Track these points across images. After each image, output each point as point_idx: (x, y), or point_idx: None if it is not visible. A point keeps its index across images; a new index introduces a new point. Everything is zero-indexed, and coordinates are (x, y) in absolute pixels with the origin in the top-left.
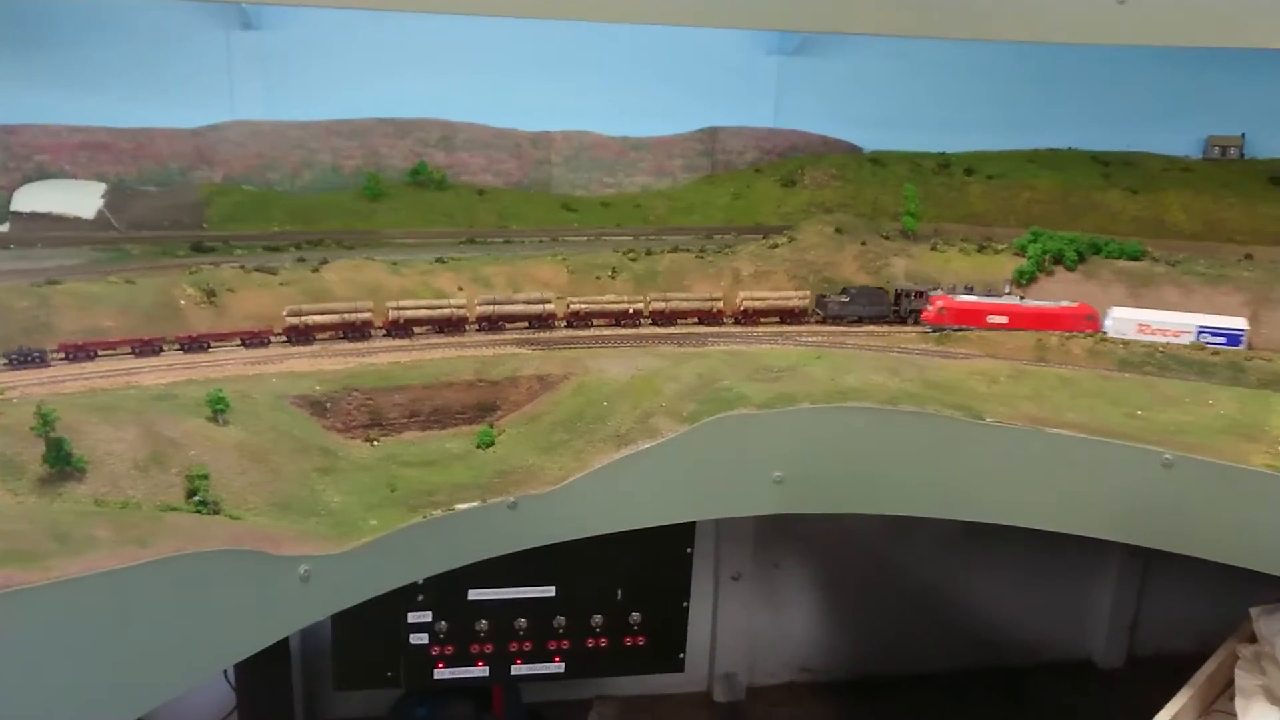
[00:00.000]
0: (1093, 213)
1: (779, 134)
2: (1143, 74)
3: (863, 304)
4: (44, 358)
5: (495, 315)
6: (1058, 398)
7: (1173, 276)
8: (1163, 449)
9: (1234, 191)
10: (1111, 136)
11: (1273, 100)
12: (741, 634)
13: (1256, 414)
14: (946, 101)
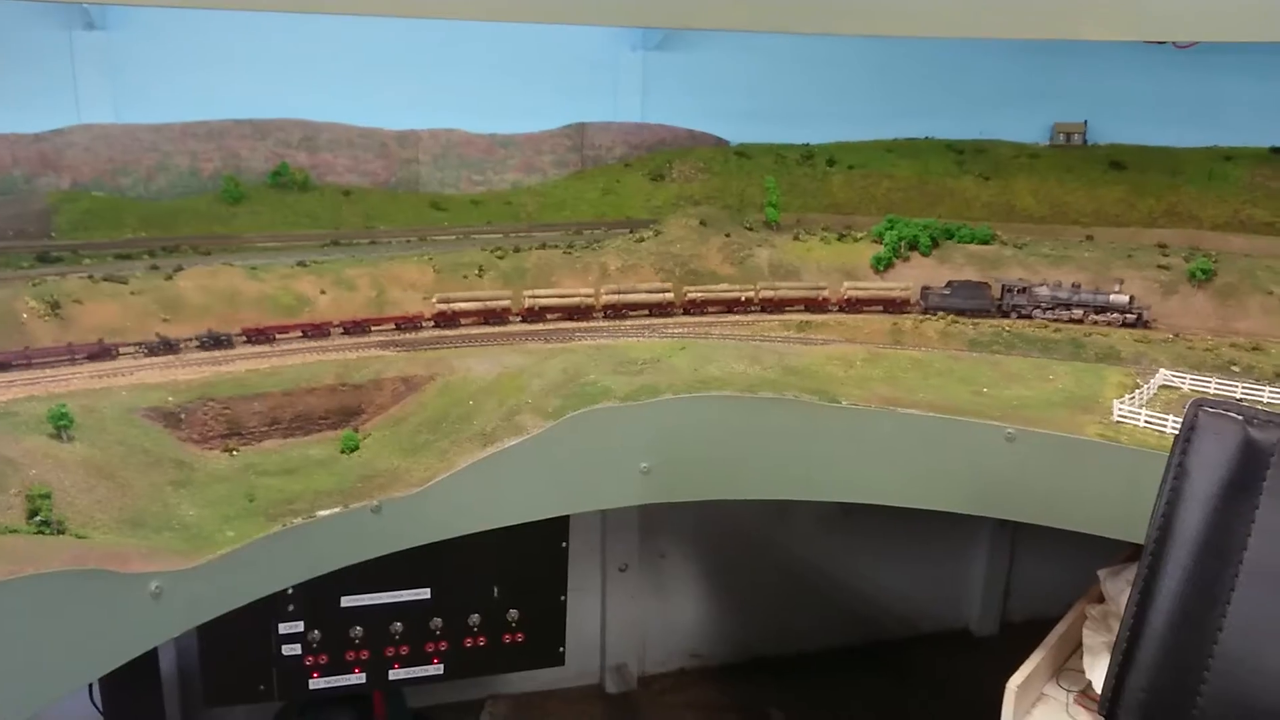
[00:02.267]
0: (948, 199)
1: (647, 129)
2: (993, 64)
3: (963, 297)
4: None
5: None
6: (910, 379)
7: (1019, 258)
8: (1006, 424)
9: (1077, 176)
10: (965, 125)
11: (1111, 88)
12: (631, 624)
13: (1091, 386)
14: (809, 94)
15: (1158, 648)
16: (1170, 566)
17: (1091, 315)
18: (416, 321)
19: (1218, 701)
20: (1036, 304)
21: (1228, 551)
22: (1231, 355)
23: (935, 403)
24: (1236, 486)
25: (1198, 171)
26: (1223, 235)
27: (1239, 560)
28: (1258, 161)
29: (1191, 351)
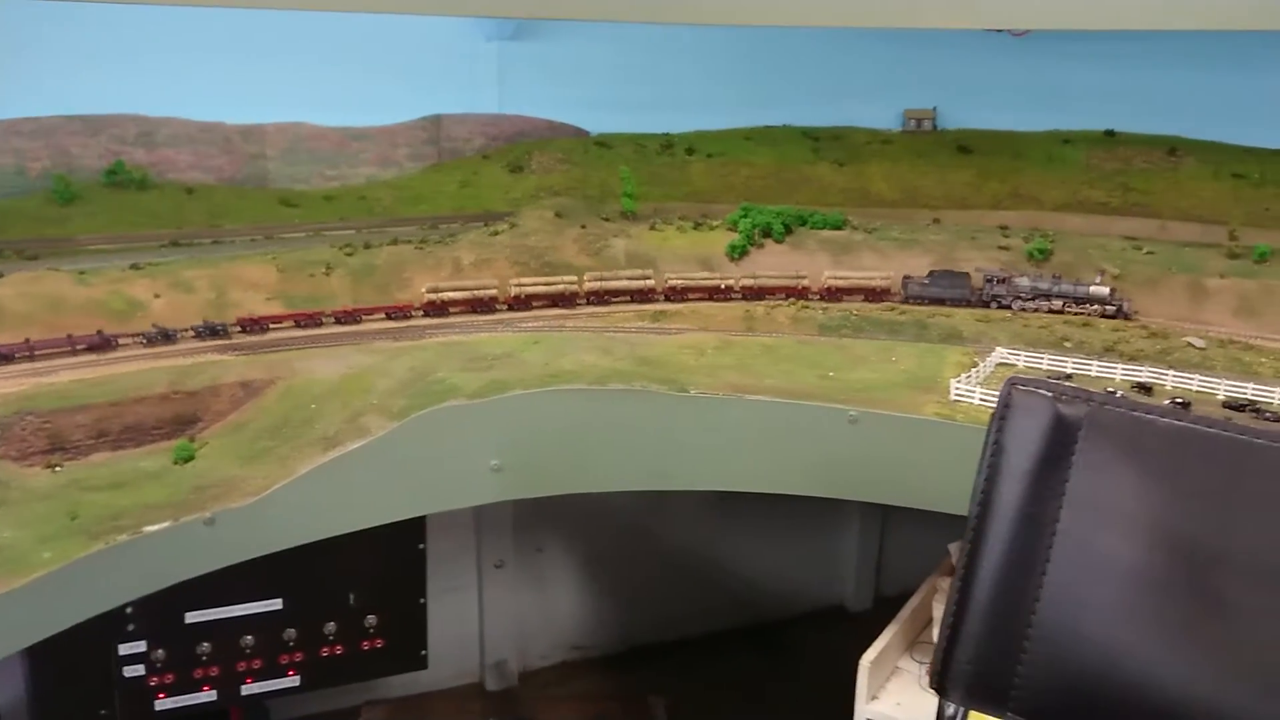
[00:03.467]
0: (805, 186)
1: (505, 119)
2: (848, 52)
3: (943, 286)
4: None
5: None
6: (759, 365)
7: (870, 243)
8: (849, 406)
9: (928, 160)
10: (822, 113)
11: (960, 75)
12: (510, 621)
13: (933, 367)
14: (669, 83)
15: (981, 620)
16: (991, 541)
17: (1071, 306)
18: (407, 310)
19: (1038, 668)
20: (1016, 294)
21: (1042, 523)
22: (1065, 332)
23: (783, 388)
24: (1049, 461)
25: (1039, 154)
26: (1062, 216)
27: (1052, 532)
28: (1093, 144)
29: (1028, 329)
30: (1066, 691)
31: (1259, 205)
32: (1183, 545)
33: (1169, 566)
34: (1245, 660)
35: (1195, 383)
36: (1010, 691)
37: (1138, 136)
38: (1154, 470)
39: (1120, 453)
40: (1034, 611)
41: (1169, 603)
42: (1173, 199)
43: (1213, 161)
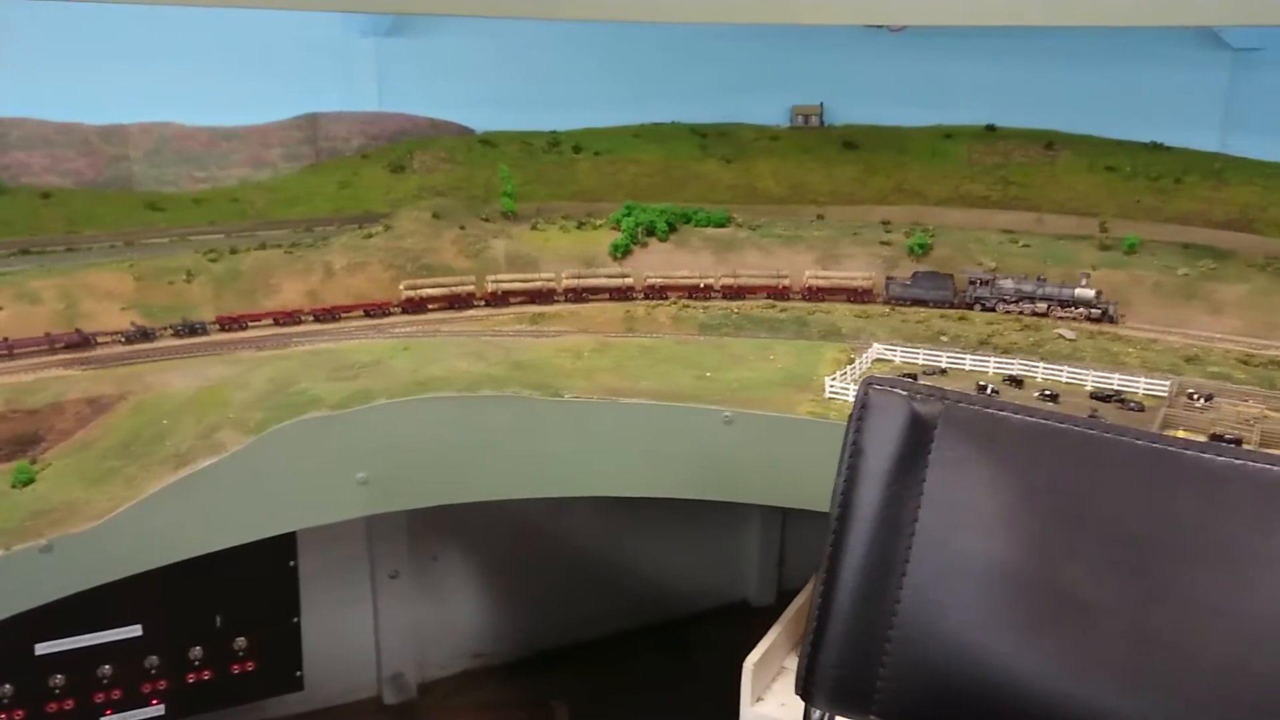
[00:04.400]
0: (693, 183)
1: (385, 118)
2: (736, 49)
3: (925, 288)
4: None
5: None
6: (636, 366)
7: (754, 240)
8: (725, 407)
9: (814, 156)
10: (710, 109)
11: (846, 71)
12: (406, 632)
13: (809, 364)
14: (557, 80)
15: (844, 625)
16: (851, 544)
17: (1056, 309)
18: (385, 308)
19: (900, 670)
20: (1000, 297)
21: (901, 524)
22: (941, 326)
23: (659, 389)
24: (906, 460)
25: (923, 149)
26: (944, 210)
27: (911, 532)
28: (975, 139)
29: (905, 324)
30: (928, 692)
31: (1130, 197)
32: (1036, 541)
33: (1024, 562)
34: (1099, 653)
35: (1065, 374)
36: (874, 695)
37: (1017, 131)
38: (1007, 466)
39: (975, 450)
40: (895, 614)
41: (1025, 599)
42: (1050, 192)
43: (1087, 155)
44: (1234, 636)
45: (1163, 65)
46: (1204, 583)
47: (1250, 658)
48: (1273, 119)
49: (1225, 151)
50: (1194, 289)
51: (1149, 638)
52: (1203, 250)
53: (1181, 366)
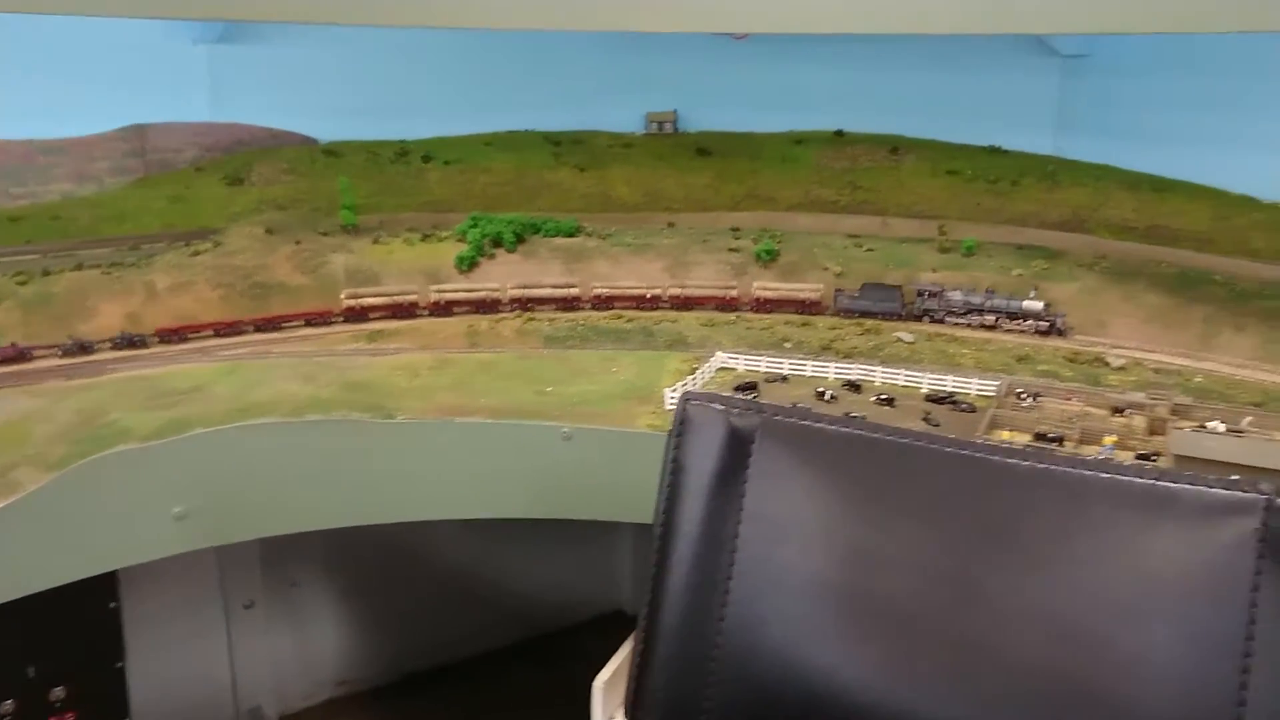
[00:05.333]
0: (547, 192)
1: (220, 128)
2: (590, 54)
3: (874, 300)
4: None
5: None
6: (476, 383)
7: (603, 249)
8: (564, 423)
9: (668, 163)
10: (564, 116)
11: (700, 77)
12: (264, 663)
13: (652, 376)
14: (405, 87)
15: (669, 644)
16: (675, 562)
17: (1005, 321)
18: (327, 317)
19: (725, 689)
20: (949, 309)
21: (723, 540)
22: (785, 332)
23: (498, 407)
24: (726, 475)
25: (774, 155)
26: (794, 215)
27: (733, 548)
28: (824, 144)
29: (750, 331)
30: (755, 708)
31: (971, 200)
32: (854, 552)
33: (843, 574)
34: (919, 662)
35: (902, 377)
36: (701, 714)
37: (865, 136)
38: (824, 478)
39: (792, 463)
40: (719, 632)
41: (846, 611)
42: (896, 196)
43: (931, 159)
44: (1041, 638)
45: (998, 71)
46: (1014, 586)
47: (1055, 658)
48: (1100, 122)
49: (1058, 154)
50: (1027, 288)
51: (965, 644)
52: (1036, 251)
53: (1013, 366)
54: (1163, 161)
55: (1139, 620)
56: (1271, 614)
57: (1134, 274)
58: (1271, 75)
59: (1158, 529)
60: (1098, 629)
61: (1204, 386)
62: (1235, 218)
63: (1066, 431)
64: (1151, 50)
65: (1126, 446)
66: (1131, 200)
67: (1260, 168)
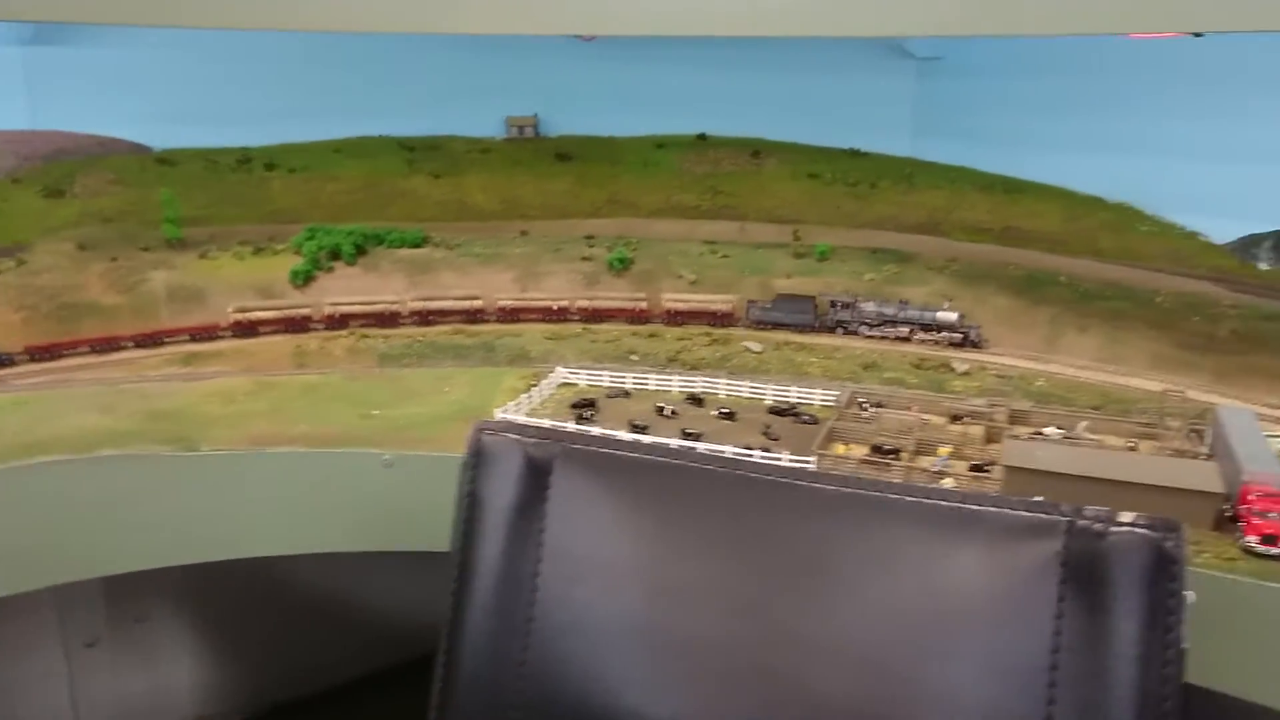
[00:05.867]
0: (400, 200)
1: (39, 136)
2: (446, 57)
3: (786, 311)
4: None
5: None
6: (296, 408)
7: (451, 260)
8: (386, 449)
9: (527, 169)
10: (419, 121)
11: (561, 80)
12: (112, 703)
13: (486, 394)
14: (247, 92)
15: (469, 694)
16: (473, 604)
17: (919, 332)
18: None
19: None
20: (862, 320)
21: (522, 580)
22: (632, 344)
23: (316, 434)
24: (524, 509)
25: (635, 160)
26: (654, 221)
27: (533, 588)
28: (686, 148)
29: (595, 344)
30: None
31: (831, 203)
32: (658, 588)
33: (647, 612)
34: (727, 700)
35: (746, 389)
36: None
37: (727, 139)
38: (626, 510)
39: (593, 494)
40: (521, 677)
41: (649, 650)
42: (757, 200)
43: (791, 162)
44: (852, 673)
45: (857, 73)
46: (824, 618)
47: (865, 693)
48: (956, 124)
49: (916, 156)
50: (878, 293)
51: (774, 680)
52: (889, 255)
53: (860, 374)
54: (1016, 163)
55: (945, 656)
56: (1073, 644)
57: (983, 276)
58: (1118, 77)
59: (963, 552)
60: (906, 664)
61: (1045, 390)
62: (1084, 218)
63: (903, 443)
64: (1003, 53)
65: (962, 456)
66: (986, 202)
67: (1107, 168)
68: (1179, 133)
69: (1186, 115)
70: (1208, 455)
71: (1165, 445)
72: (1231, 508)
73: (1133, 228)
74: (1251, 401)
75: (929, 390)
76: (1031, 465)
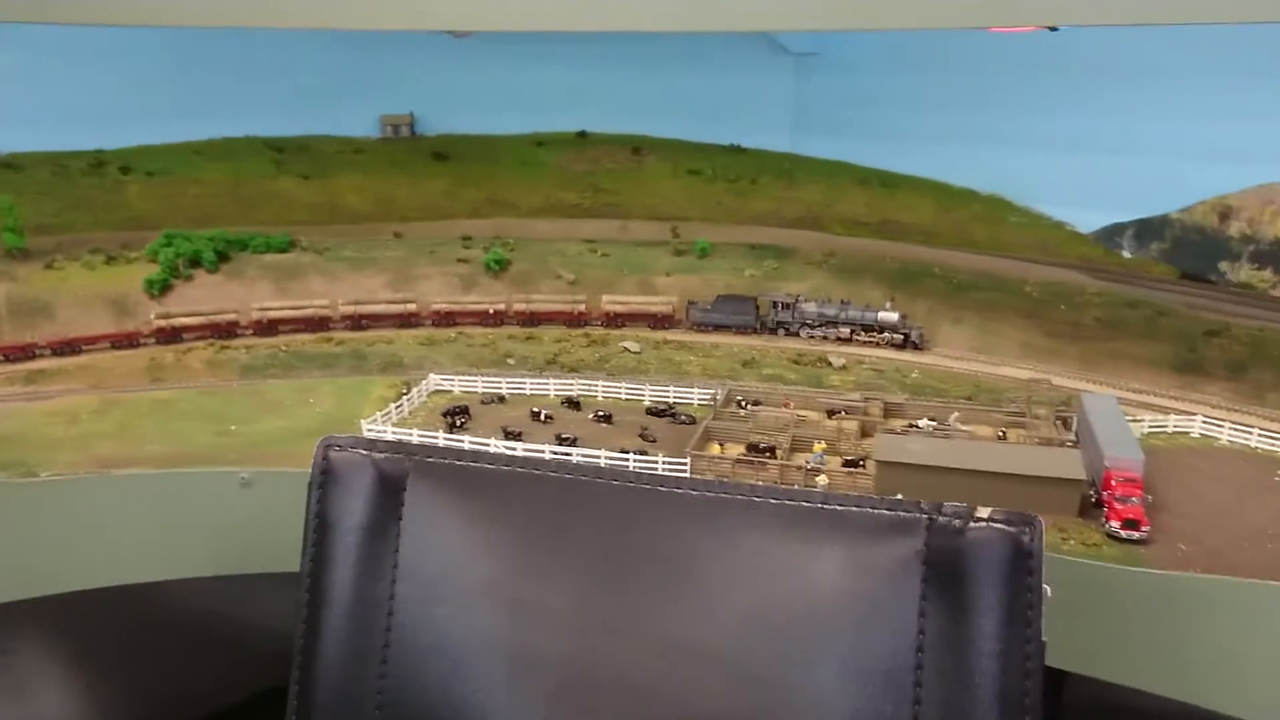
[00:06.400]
0: (267, 203)
1: None
2: (318, 56)
3: (726, 312)
4: None
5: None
6: (146, 427)
7: (320, 265)
8: (244, 467)
9: (403, 169)
10: (288, 121)
11: (439, 78)
12: None
13: (354, 405)
14: (102, 93)
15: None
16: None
17: (860, 333)
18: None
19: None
20: (803, 321)
21: (378, 602)
22: (509, 347)
23: (168, 454)
24: (376, 530)
25: (514, 158)
26: (533, 221)
27: (389, 610)
28: (566, 146)
29: (471, 349)
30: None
31: (713, 200)
32: (517, 605)
33: (506, 630)
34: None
35: (624, 391)
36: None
37: (607, 137)
38: (483, 525)
39: (449, 509)
40: (379, 705)
41: (510, 669)
42: (638, 198)
43: (672, 159)
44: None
45: (737, 70)
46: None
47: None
48: (833, 120)
49: (795, 152)
50: (760, 289)
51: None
52: (768, 250)
53: (739, 371)
54: (892, 157)
55: (812, 662)
56: (936, 642)
57: (861, 270)
58: (987, 72)
59: (828, 553)
60: (774, 670)
61: (920, 382)
62: (957, 210)
63: (778, 440)
64: (877, 49)
65: (837, 452)
66: (863, 196)
67: (979, 161)
68: (1046, 126)
69: (1052, 109)
70: (1073, 442)
71: (1033, 433)
72: (1096, 494)
73: (1003, 219)
74: (1115, 387)
75: (807, 386)
76: (903, 459)
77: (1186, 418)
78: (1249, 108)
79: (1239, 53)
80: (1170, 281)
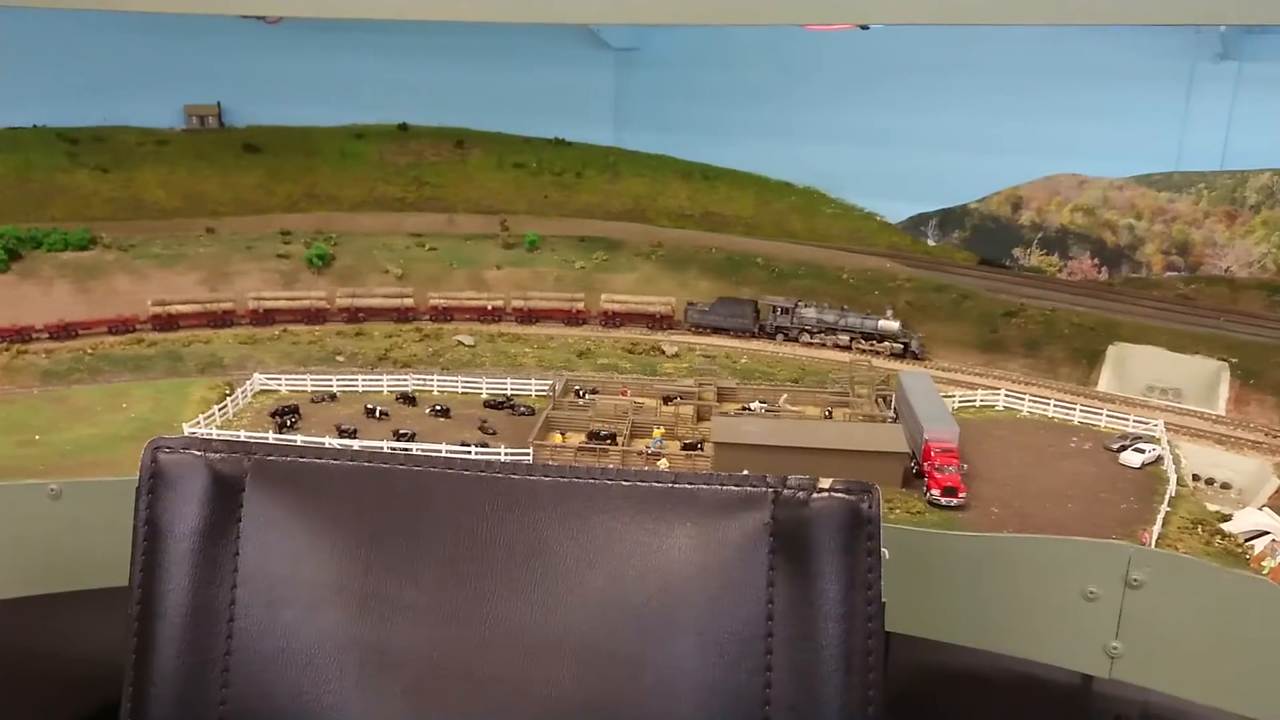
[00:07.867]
0: (61, 198)
1: None
2: (115, 40)
3: (724, 315)
4: None
5: None
6: None
7: (125, 263)
8: (52, 478)
9: (211, 162)
10: (82, 110)
11: (247, 67)
12: None
13: (172, 408)
14: None
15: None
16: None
17: (859, 341)
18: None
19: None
20: (803, 326)
21: (217, 610)
22: (337, 344)
23: None
24: (213, 535)
25: (333, 151)
26: (356, 215)
27: (230, 617)
28: (387, 138)
29: (297, 347)
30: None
31: (539, 193)
32: (367, 602)
33: (357, 628)
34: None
35: (460, 385)
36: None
37: (429, 129)
38: (330, 522)
39: (292, 509)
40: (222, 717)
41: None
42: (463, 191)
43: (496, 152)
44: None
45: (558, 64)
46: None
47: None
48: (655, 114)
49: (619, 145)
50: (590, 280)
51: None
52: (597, 242)
53: (575, 362)
54: (712, 151)
55: (667, 636)
56: (785, 610)
57: (687, 260)
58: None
59: (679, 531)
60: (630, 649)
61: (749, 367)
62: (775, 202)
63: (619, 427)
64: (695, 45)
65: (676, 436)
66: (686, 189)
67: (794, 155)
68: (856, 121)
69: (862, 104)
70: (894, 418)
71: (857, 411)
72: (916, 465)
73: (819, 210)
74: (927, 365)
75: (641, 374)
76: (739, 440)
77: (991, 392)
78: (1036, 104)
79: (1028, 53)
80: (970, 267)
